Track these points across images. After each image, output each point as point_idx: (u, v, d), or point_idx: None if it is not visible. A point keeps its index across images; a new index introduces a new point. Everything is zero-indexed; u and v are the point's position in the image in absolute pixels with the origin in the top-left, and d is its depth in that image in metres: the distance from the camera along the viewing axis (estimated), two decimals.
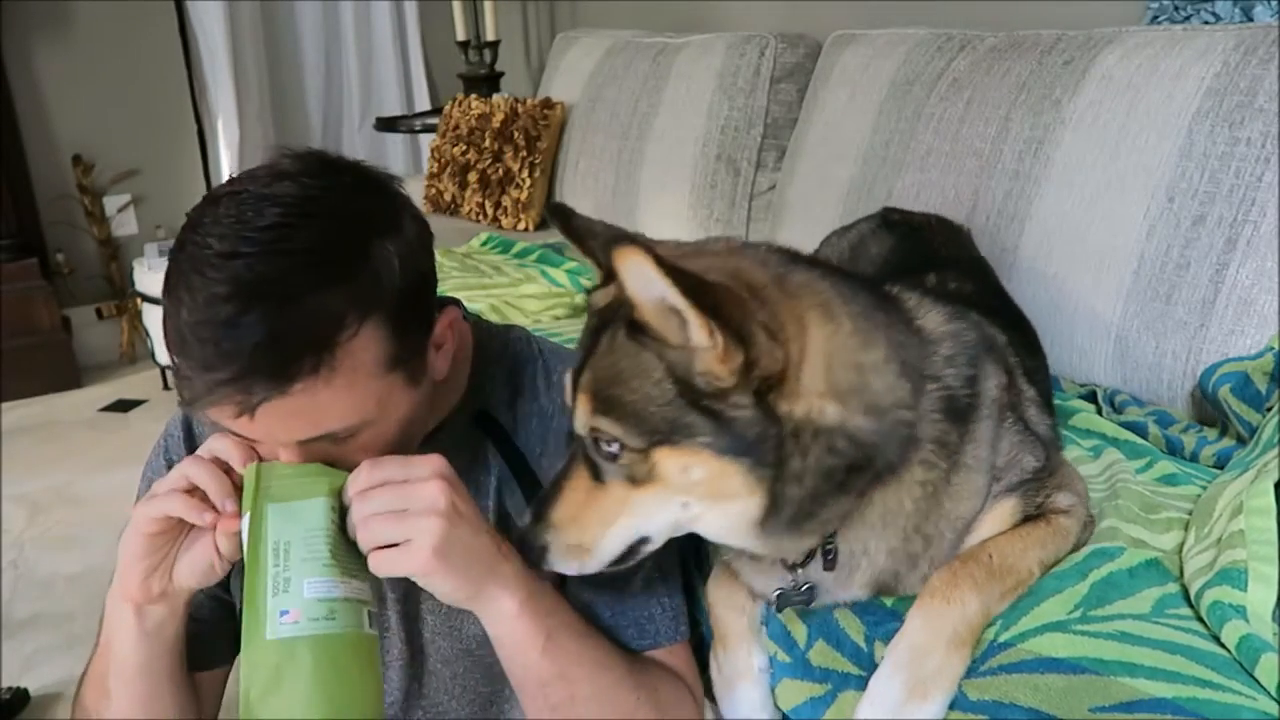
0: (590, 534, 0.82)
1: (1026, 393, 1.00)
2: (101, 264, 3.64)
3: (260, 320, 0.74)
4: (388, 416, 0.84)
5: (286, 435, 0.81)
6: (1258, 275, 1.30)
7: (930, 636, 0.83)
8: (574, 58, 3.03)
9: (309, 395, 0.77)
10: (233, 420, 0.78)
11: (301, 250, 0.76)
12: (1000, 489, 0.91)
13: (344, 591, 0.80)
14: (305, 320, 0.75)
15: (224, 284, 0.74)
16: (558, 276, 2.23)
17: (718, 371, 0.73)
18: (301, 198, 0.79)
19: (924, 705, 0.81)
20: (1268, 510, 0.91)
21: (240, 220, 0.76)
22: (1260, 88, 1.33)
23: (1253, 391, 1.24)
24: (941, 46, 1.86)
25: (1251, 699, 0.77)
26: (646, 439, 0.76)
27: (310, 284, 0.76)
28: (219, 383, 0.75)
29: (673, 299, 0.70)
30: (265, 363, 0.74)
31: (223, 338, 0.74)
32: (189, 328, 0.75)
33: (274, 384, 0.75)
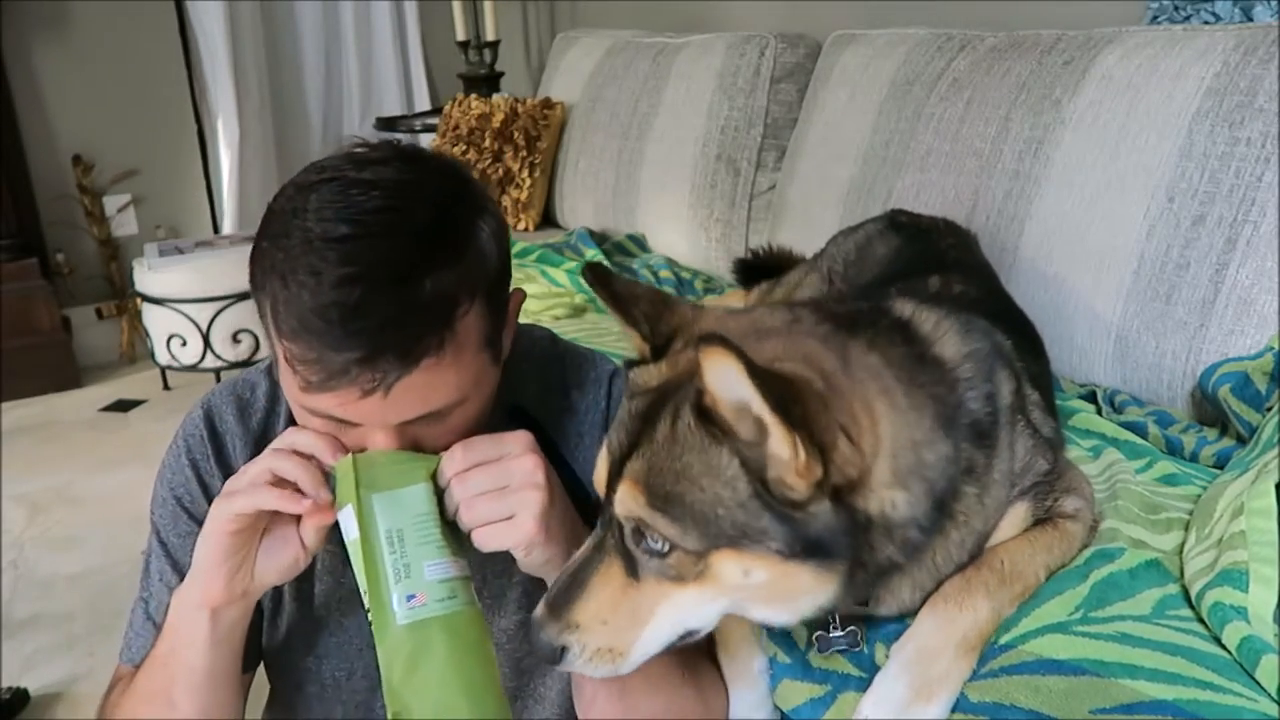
0: (625, 637, 0.75)
1: (1031, 397, 1.00)
2: (101, 264, 3.64)
3: (389, 301, 0.76)
4: (480, 394, 0.87)
5: (396, 415, 0.81)
6: (1258, 275, 1.30)
7: (940, 640, 0.83)
8: (574, 58, 3.03)
9: (430, 372, 0.79)
10: (358, 401, 0.78)
11: (416, 232, 0.79)
12: (1015, 493, 0.91)
13: (458, 570, 0.83)
14: (429, 300, 0.78)
15: (347, 266, 0.76)
16: (558, 276, 2.23)
17: (794, 484, 0.68)
18: (401, 181, 0.81)
19: (928, 707, 0.81)
20: (1268, 511, 0.90)
21: (348, 204, 0.78)
22: (1260, 88, 1.33)
23: (1253, 391, 1.24)
24: (941, 46, 1.86)
25: (1252, 700, 0.77)
26: (709, 542, 0.70)
27: (430, 264, 0.78)
28: (351, 363, 0.76)
29: (758, 408, 0.65)
30: (395, 341, 0.76)
31: (352, 318, 0.75)
32: (314, 311, 0.76)
33: (403, 362, 0.77)
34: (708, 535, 0.71)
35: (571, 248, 2.46)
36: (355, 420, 0.82)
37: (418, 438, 0.85)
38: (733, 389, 0.66)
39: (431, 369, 0.79)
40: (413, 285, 0.77)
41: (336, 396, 0.79)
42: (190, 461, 1.01)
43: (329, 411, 0.81)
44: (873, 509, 0.72)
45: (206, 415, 1.02)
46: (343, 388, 0.78)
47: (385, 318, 0.76)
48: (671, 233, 2.49)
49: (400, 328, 0.76)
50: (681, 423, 0.72)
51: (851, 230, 1.58)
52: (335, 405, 0.80)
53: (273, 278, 0.79)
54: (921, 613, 0.86)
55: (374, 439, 0.84)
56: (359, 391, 0.78)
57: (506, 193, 2.92)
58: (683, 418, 0.71)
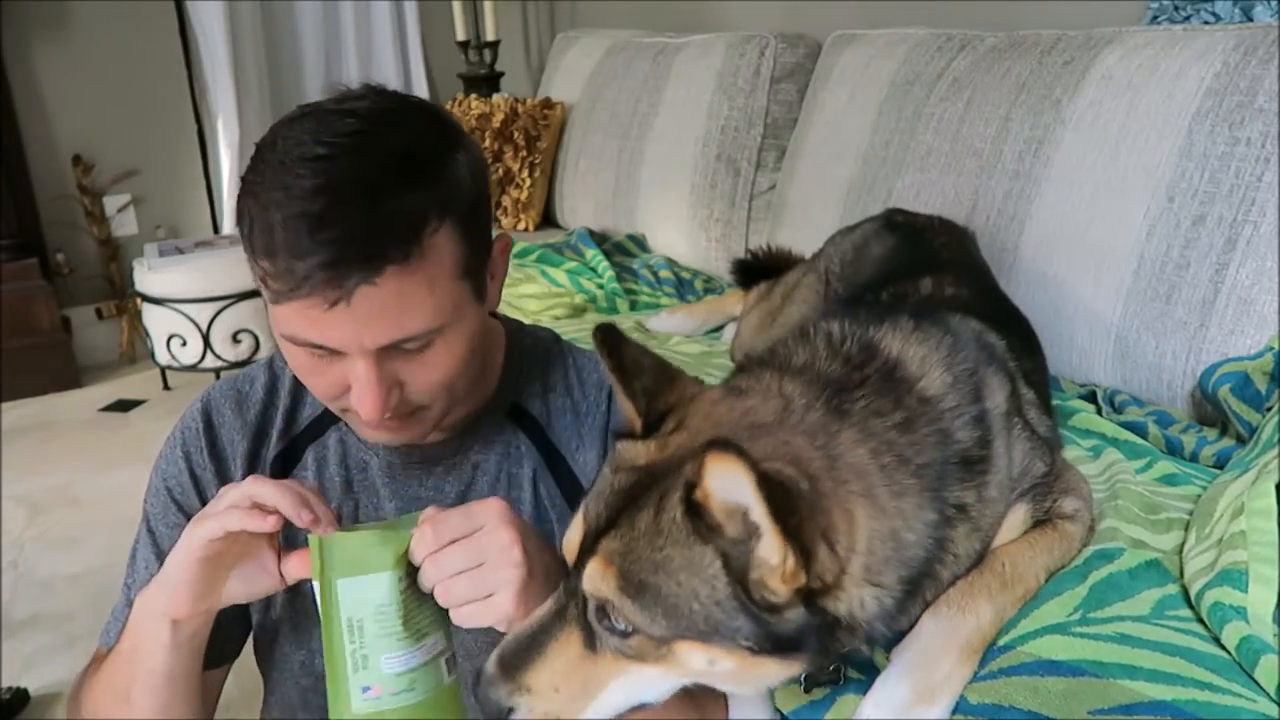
0: (575, 706, 0.74)
1: (1026, 396, 1.00)
2: (101, 264, 3.64)
3: (354, 212, 0.78)
4: (460, 326, 0.87)
5: (370, 337, 0.81)
6: (1258, 275, 1.30)
7: (943, 643, 0.83)
8: (574, 58, 3.03)
9: (396, 286, 0.79)
10: (323, 312, 0.79)
11: (388, 152, 0.81)
12: (1014, 496, 0.91)
13: (422, 657, 0.81)
14: (394, 213, 0.79)
15: (315, 178, 0.78)
16: (557, 276, 2.23)
17: (776, 588, 0.68)
18: (379, 109, 0.84)
19: (930, 709, 0.81)
20: (1268, 511, 0.90)
21: (324, 128, 0.81)
22: (1260, 88, 1.33)
23: (1253, 391, 1.24)
24: (941, 46, 1.86)
25: (1252, 701, 0.77)
26: (674, 633, 0.70)
27: (397, 183, 0.80)
28: (314, 268, 0.77)
29: (758, 516, 0.64)
30: (358, 250, 0.78)
31: (317, 228, 0.77)
32: (281, 224, 0.78)
33: (366, 268, 0.78)
34: (676, 627, 0.70)
35: (571, 248, 2.46)
36: (333, 345, 0.82)
37: (401, 375, 0.85)
38: (735, 494, 0.64)
39: (399, 284, 0.80)
40: (381, 200, 0.79)
41: (305, 309, 0.80)
42: (184, 454, 1.02)
43: (306, 337, 0.82)
44: (841, 610, 0.72)
45: (204, 408, 1.03)
46: (308, 295, 0.79)
47: (350, 227, 0.78)
48: (671, 233, 2.49)
49: (365, 236, 0.78)
50: (666, 515, 0.70)
51: (849, 230, 1.58)
52: (308, 325, 0.81)
53: (249, 201, 0.81)
54: (924, 616, 0.85)
55: (356, 373, 0.83)
56: (324, 302, 0.78)
57: (506, 193, 2.92)
58: (668, 509, 0.70)
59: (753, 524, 0.66)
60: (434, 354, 0.86)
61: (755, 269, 1.91)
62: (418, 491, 1.01)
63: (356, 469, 1.02)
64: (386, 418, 0.87)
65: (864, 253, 1.46)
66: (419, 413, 0.90)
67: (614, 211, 2.67)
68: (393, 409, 0.86)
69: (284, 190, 0.79)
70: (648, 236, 2.56)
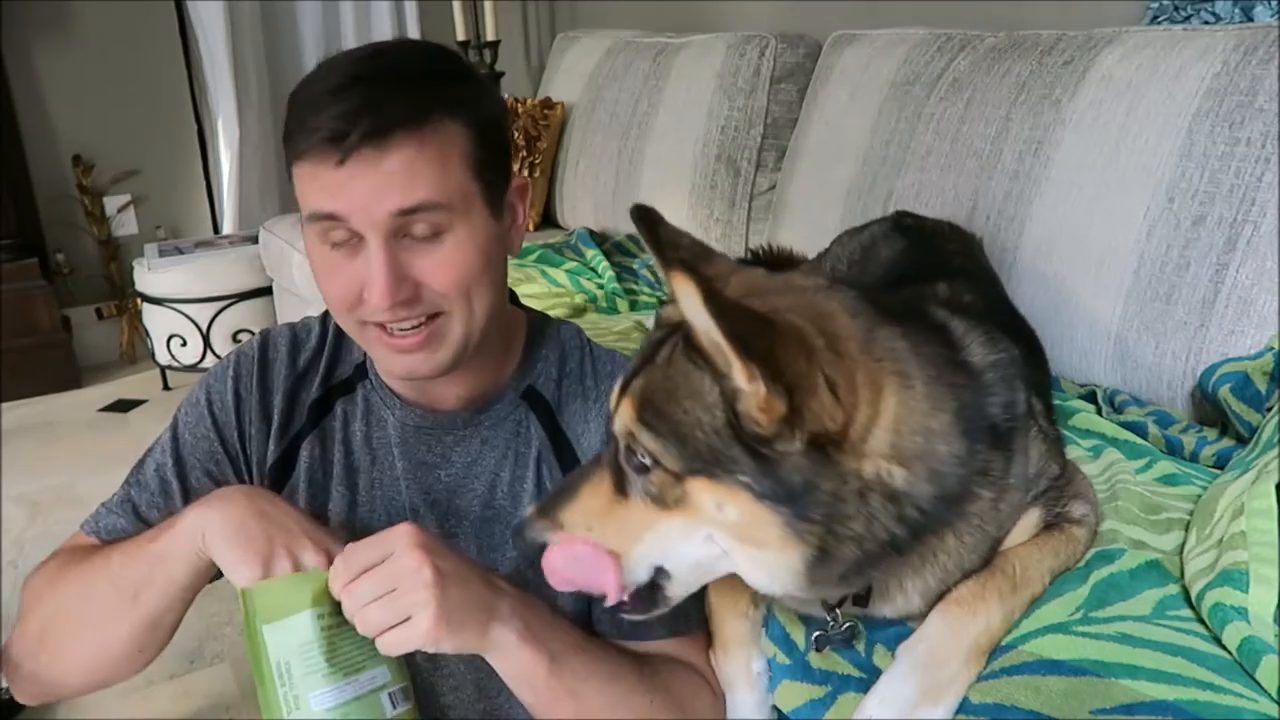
0: (614, 542, 0.78)
1: (1035, 406, 1.00)
2: (101, 264, 3.64)
3: (368, 89, 0.86)
4: (470, 225, 0.90)
5: (378, 203, 0.85)
6: (1258, 275, 1.30)
7: (952, 644, 0.83)
8: (574, 58, 3.03)
9: (403, 156, 0.85)
10: (334, 169, 0.85)
11: (408, 60, 0.92)
12: (1028, 498, 0.91)
13: (354, 691, 0.83)
14: (408, 93, 0.87)
15: (342, 73, 0.87)
16: (557, 276, 2.23)
17: (756, 417, 0.70)
18: (401, 43, 0.97)
19: (934, 709, 0.81)
20: (1269, 511, 0.90)
21: (356, 60, 0.90)
22: (1260, 88, 1.33)
23: (1253, 391, 1.24)
24: (941, 46, 1.86)
25: (1253, 701, 0.77)
26: (685, 463, 0.72)
27: (414, 76, 0.89)
28: (330, 118, 0.84)
29: (715, 335, 0.68)
30: (370, 110, 0.84)
31: (336, 95, 0.85)
32: (308, 100, 0.88)
33: (375, 129, 0.84)
34: (685, 456, 0.72)
35: (571, 248, 2.46)
36: (342, 213, 0.86)
37: (413, 270, 0.89)
38: (696, 316, 0.68)
39: (406, 153, 0.85)
40: (397, 83, 0.87)
41: (319, 168, 0.85)
42: (235, 375, 1.06)
43: (320, 206, 0.87)
44: (867, 471, 0.73)
45: (263, 341, 1.08)
46: (321, 146, 0.84)
47: (366, 96, 0.85)
48: None
49: (379, 102, 0.85)
50: (676, 349, 0.75)
51: (856, 231, 1.58)
52: (320, 190, 0.86)
53: (290, 127, 0.89)
54: (933, 615, 0.86)
55: (369, 256, 0.87)
56: (336, 154, 0.84)
57: None
58: (677, 350, 0.75)
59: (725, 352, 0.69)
60: (445, 249, 0.89)
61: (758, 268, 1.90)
62: (425, 456, 1.04)
63: (376, 426, 1.05)
64: (407, 326, 0.90)
65: (872, 254, 1.46)
66: (439, 324, 0.92)
67: (614, 211, 2.67)
68: (406, 303, 0.89)
69: (318, 77, 0.89)
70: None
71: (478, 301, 0.93)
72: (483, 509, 1.03)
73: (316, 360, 1.08)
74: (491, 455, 1.04)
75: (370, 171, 0.85)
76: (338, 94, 0.85)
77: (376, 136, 0.84)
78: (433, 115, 0.87)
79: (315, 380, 1.07)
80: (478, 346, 0.97)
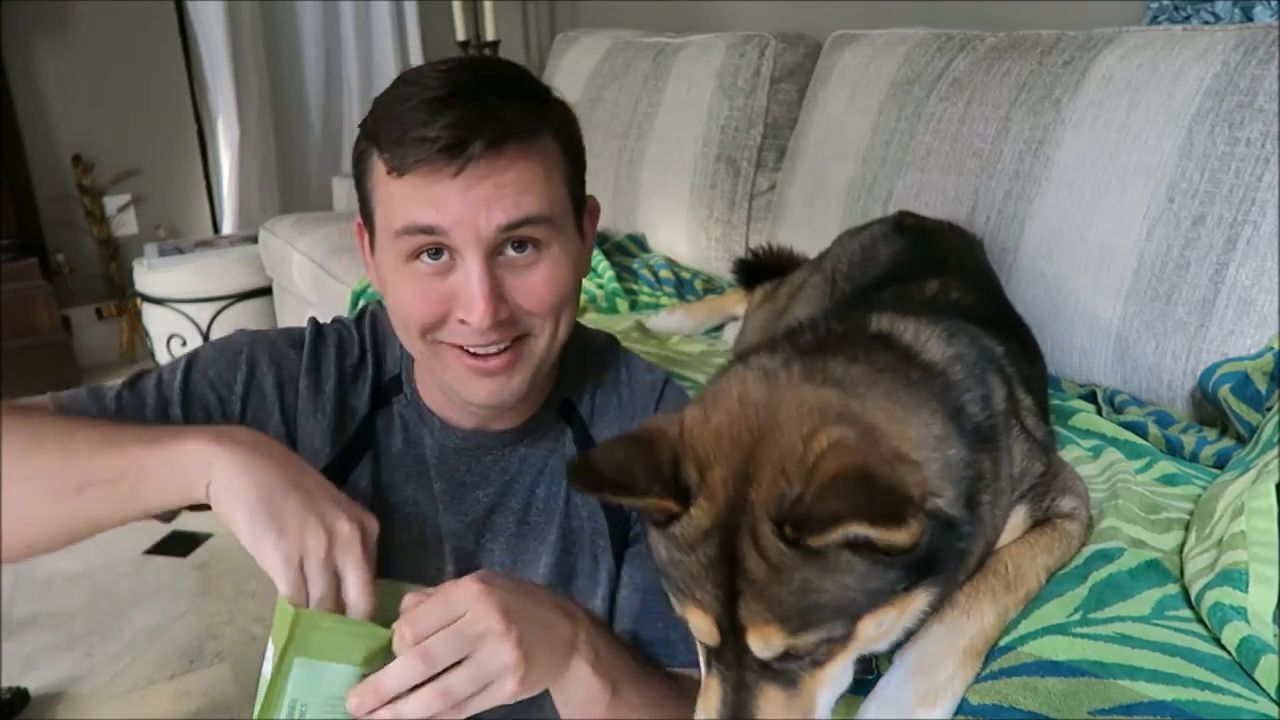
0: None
1: (1024, 402, 1.00)
2: (101, 264, 3.64)
3: (477, 101, 0.83)
4: (565, 242, 0.90)
5: (487, 217, 0.84)
6: (1258, 275, 1.30)
7: (946, 647, 0.83)
8: (574, 58, 3.03)
9: (515, 166, 0.84)
10: (448, 181, 0.83)
11: (501, 74, 0.89)
12: (1015, 497, 0.91)
13: None
14: (515, 106, 0.85)
15: (440, 83, 0.84)
16: None
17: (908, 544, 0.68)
18: (484, 59, 0.94)
19: (933, 711, 0.81)
20: (1269, 511, 0.90)
21: (439, 72, 0.86)
22: (1260, 88, 1.33)
23: (1253, 391, 1.24)
24: (941, 46, 1.86)
25: (1252, 701, 0.77)
26: (849, 624, 0.71)
27: (513, 91, 0.87)
28: (442, 129, 0.81)
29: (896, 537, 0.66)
30: (483, 122, 0.82)
31: (443, 107, 0.82)
32: (410, 109, 0.83)
33: (490, 139, 0.82)
34: (850, 615, 0.71)
35: None
36: (448, 226, 0.84)
37: (508, 289, 0.87)
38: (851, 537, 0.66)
39: (518, 164, 0.84)
40: (500, 96, 0.84)
41: (428, 181, 0.83)
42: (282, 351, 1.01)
43: (423, 220, 0.84)
44: (941, 506, 0.73)
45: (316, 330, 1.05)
46: (434, 158, 0.82)
47: (475, 108, 0.83)
48: (671, 233, 2.49)
49: (489, 114, 0.83)
50: (772, 553, 0.69)
51: (857, 231, 1.58)
52: (426, 204, 0.83)
53: (369, 125, 0.87)
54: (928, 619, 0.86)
55: (467, 274, 0.85)
56: (450, 165, 0.82)
57: None
58: (769, 550, 0.69)
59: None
60: (543, 268, 0.88)
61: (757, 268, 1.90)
62: (464, 477, 1.02)
63: (413, 444, 1.03)
64: (494, 349, 0.88)
65: (872, 254, 1.46)
66: (525, 346, 0.91)
67: (614, 211, 2.66)
68: (502, 324, 0.87)
69: (413, 90, 0.84)
70: (648, 236, 2.56)
71: (564, 322, 0.92)
72: (518, 525, 1.03)
73: (362, 369, 1.04)
74: (528, 473, 1.03)
75: (483, 183, 0.83)
76: (447, 104, 0.83)
77: (496, 146, 0.83)
78: (542, 128, 0.87)
79: (364, 392, 1.03)
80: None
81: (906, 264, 1.37)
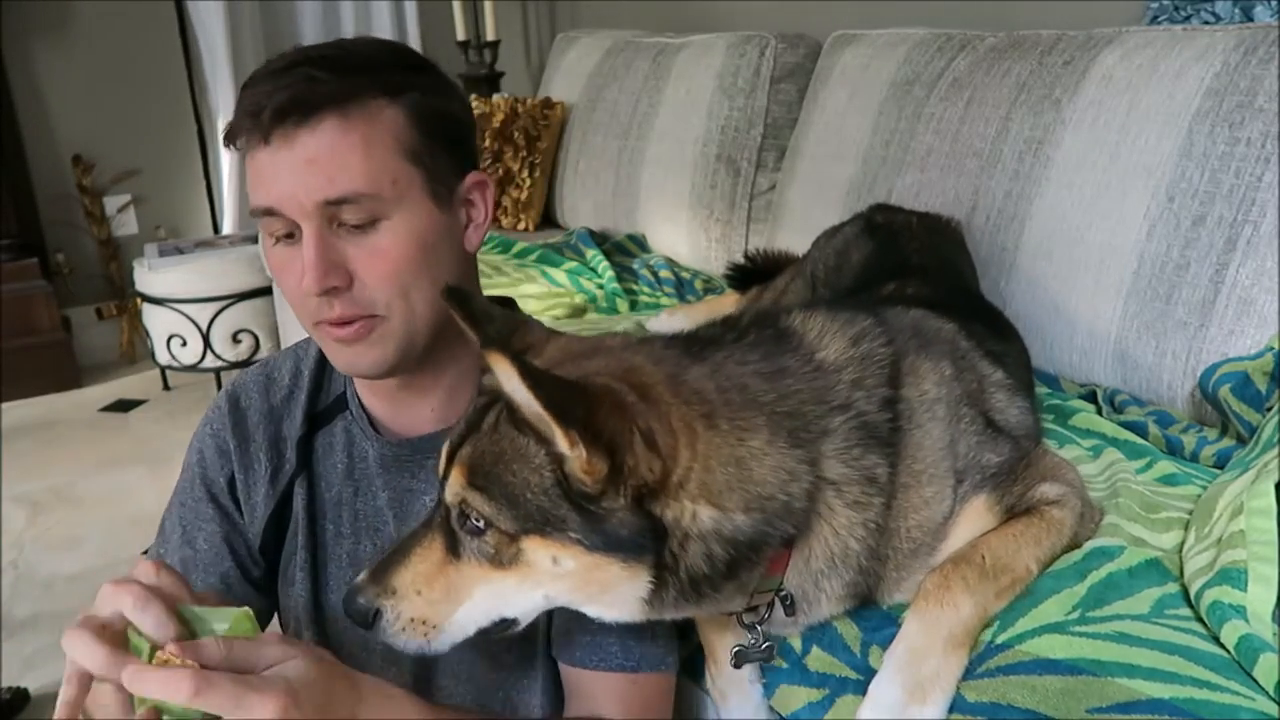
0: (439, 611, 0.78)
1: (991, 376, 1.00)
2: (101, 264, 3.64)
3: (306, 71, 0.86)
4: (407, 215, 0.89)
5: (305, 190, 0.85)
6: (1258, 275, 1.30)
7: (926, 639, 0.83)
8: (574, 58, 3.03)
9: (331, 139, 0.85)
10: (268, 156, 0.85)
11: (354, 51, 0.91)
12: (966, 489, 0.91)
13: None
14: (340, 77, 0.86)
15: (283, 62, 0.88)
16: (557, 276, 2.23)
17: (582, 478, 0.72)
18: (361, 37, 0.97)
19: (924, 707, 0.81)
20: (1268, 511, 0.90)
21: (302, 49, 0.90)
22: (1260, 88, 1.33)
23: (1253, 391, 1.24)
24: (941, 46, 1.86)
25: (1250, 699, 0.77)
26: (519, 524, 0.75)
27: (350, 65, 0.88)
28: (261, 102, 0.84)
29: (535, 407, 0.70)
30: (300, 92, 0.84)
31: (270, 81, 0.85)
32: (245, 87, 0.88)
33: (303, 110, 0.84)
34: (517, 517, 0.74)
35: (571, 248, 2.46)
36: (276, 205, 0.86)
37: (348, 260, 0.88)
38: (515, 390, 0.71)
39: (334, 137, 0.85)
40: (331, 69, 0.86)
41: (252, 157, 0.86)
42: (212, 431, 1.07)
43: (258, 201, 0.88)
44: (669, 517, 0.75)
45: (232, 390, 1.08)
46: (251, 132, 0.85)
47: (299, 79, 0.85)
48: (671, 233, 2.49)
49: (309, 85, 0.85)
50: (502, 416, 0.77)
51: (833, 232, 1.59)
52: (257, 182, 0.87)
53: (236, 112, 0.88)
54: (907, 615, 0.86)
55: (305, 245, 0.86)
56: (262, 137, 0.84)
57: (506, 193, 2.92)
58: (503, 412, 0.77)
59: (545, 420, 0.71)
60: (379, 238, 0.88)
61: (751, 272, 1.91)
62: (410, 484, 1.02)
63: (358, 458, 1.04)
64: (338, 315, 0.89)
65: (845, 259, 1.48)
66: (377, 325, 0.91)
67: (614, 211, 2.67)
68: (338, 291, 0.88)
69: (262, 69, 0.89)
70: (648, 236, 2.56)
71: (418, 299, 0.91)
72: None
73: (294, 395, 1.06)
74: None
75: (294, 152, 0.85)
76: (275, 75, 0.86)
77: (298, 112, 0.84)
78: (363, 95, 0.87)
79: (298, 416, 1.05)
80: (431, 351, 0.95)
81: (873, 268, 1.39)
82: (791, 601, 0.86)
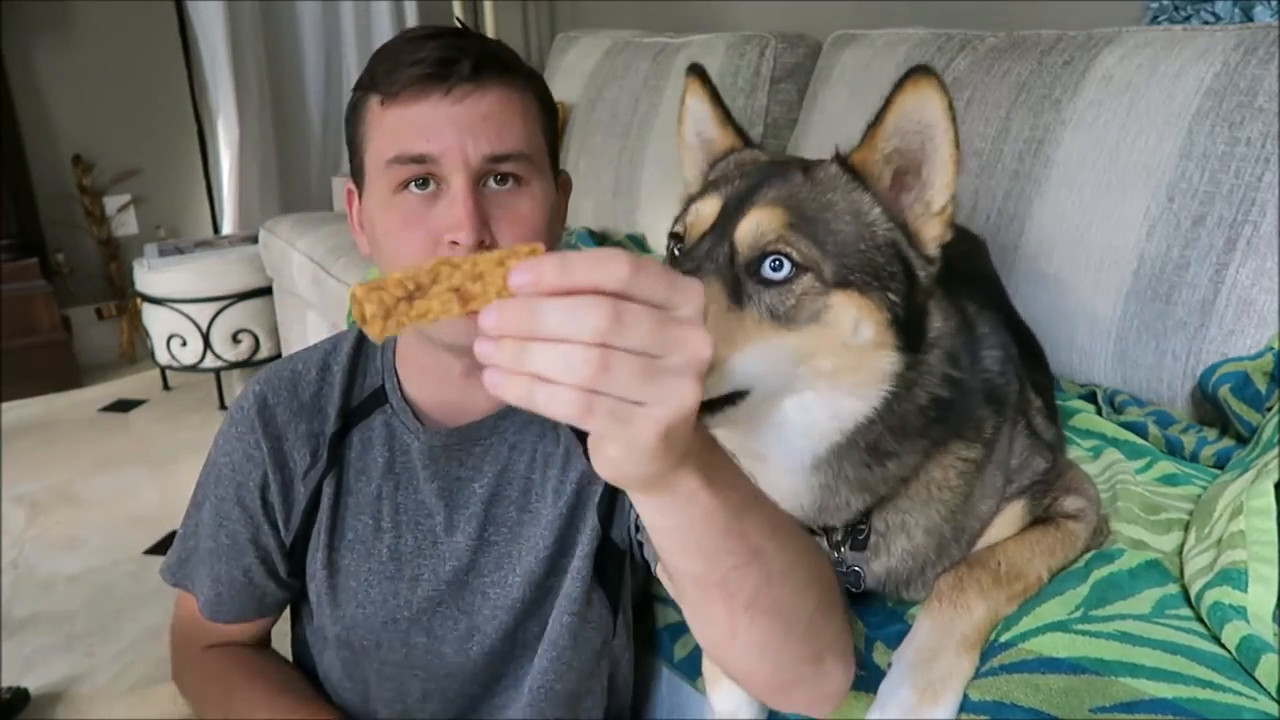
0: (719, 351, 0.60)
1: (1034, 403, 1.01)
2: (101, 264, 3.64)
3: (465, 35, 0.93)
4: (542, 185, 0.95)
5: (474, 144, 0.88)
6: (1258, 275, 1.30)
7: (938, 640, 0.83)
8: (574, 58, 3.03)
9: (499, 99, 0.90)
10: (433, 107, 0.88)
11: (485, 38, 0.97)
12: (1012, 491, 0.92)
13: None
14: (499, 46, 0.95)
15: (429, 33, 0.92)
16: None
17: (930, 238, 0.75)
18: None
19: (935, 708, 0.81)
20: (1268, 511, 0.91)
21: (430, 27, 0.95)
22: (1260, 88, 1.33)
23: (1253, 391, 1.24)
24: (941, 46, 1.86)
25: (1252, 699, 0.77)
26: (839, 275, 0.71)
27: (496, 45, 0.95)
28: (431, 55, 0.88)
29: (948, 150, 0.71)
30: (468, 55, 0.89)
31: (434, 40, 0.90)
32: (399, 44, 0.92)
33: (474, 70, 0.89)
34: (843, 268, 0.71)
35: (572, 247, 2.46)
36: (436, 153, 0.88)
37: (491, 215, 0.90)
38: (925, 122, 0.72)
39: (501, 97, 0.90)
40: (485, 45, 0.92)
41: (415, 107, 0.88)
42: (238, 434, 1.06)
43: (412, 148, 0.88)
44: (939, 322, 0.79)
45: (260, 388, 1.07)
46: (425, 83, 0.88)
47: (462, 39, 0.91)
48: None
49: (475, 43, 0.91)
50: (822, 171, 0.76)
51: None
52: (414, 132, 0.88)
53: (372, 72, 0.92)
54: (919, 615, 0.86)
55: (453, 197, 0.88)
56: (441, 85, 0.88)
57: None
58: (822, 169, 0.76)
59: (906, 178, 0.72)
60: (520, 201, 0.92)
61: None
62: (458, 472, 1.03)
63: (400, 452, 1.04)
64: None
65: None
66: None
67: (614, 211, 2.67)
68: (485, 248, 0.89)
69: (402, 35, 0.93)
70: (648, 236, 2.56)
71: None
72: (519, 514, 1.04)
73: (325, 391, 1.06)
74: (521, 460, 1.04)
75: (471, 109, 0.88)
76: (436, 36, 0.90)
77: (481, 72, 0.89)
78: (521, 70, 0.94)
79: (331, 412, 1.05)
80: None
81: None
82: (867, 535, 0.86)
